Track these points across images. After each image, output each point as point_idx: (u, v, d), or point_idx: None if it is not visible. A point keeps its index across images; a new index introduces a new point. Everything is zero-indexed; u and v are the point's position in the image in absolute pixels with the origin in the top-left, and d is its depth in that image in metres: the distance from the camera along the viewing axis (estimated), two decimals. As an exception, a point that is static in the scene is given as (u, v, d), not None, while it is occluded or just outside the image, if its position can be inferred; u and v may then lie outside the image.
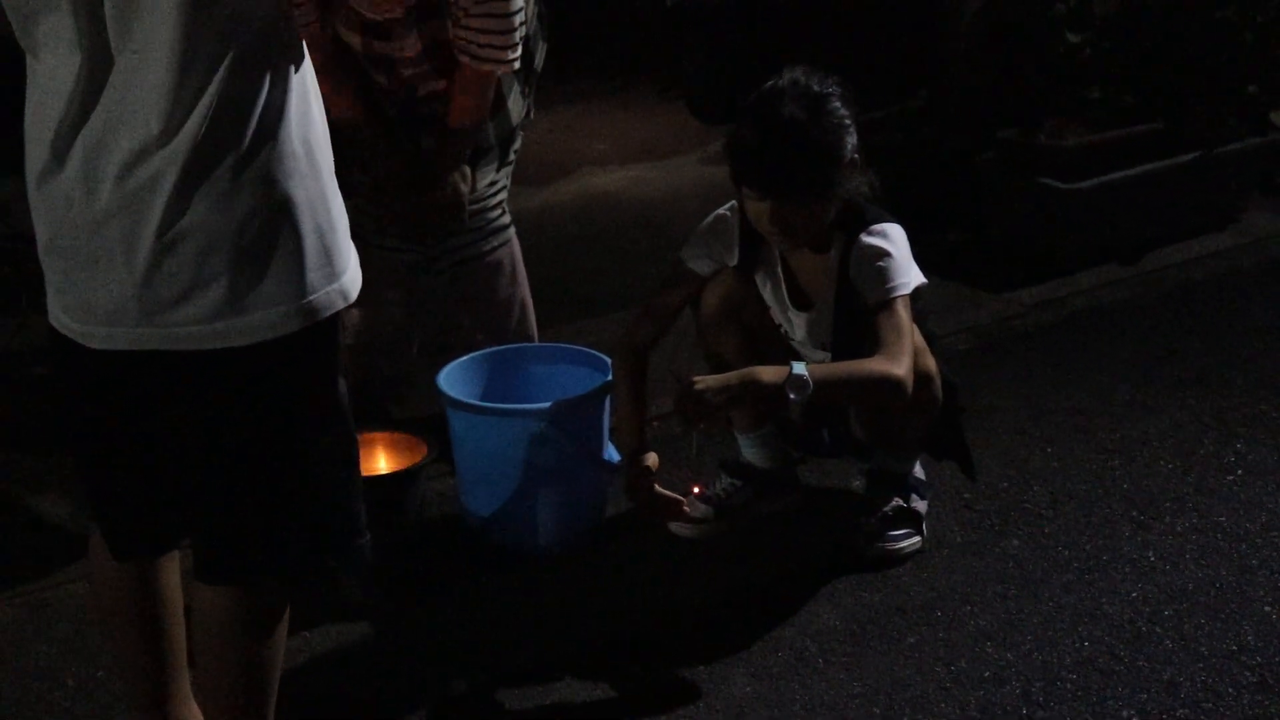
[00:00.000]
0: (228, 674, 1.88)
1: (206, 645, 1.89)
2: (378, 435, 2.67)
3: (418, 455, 2.59)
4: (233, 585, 1.85)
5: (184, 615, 1.97)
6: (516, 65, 2.89)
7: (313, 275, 1.71)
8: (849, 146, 2.46)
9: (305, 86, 1.73)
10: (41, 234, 1.74)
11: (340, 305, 1.76)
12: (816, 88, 2.45)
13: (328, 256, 1.73)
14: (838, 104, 2.45)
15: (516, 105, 3.06)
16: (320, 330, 1.74)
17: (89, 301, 1.71)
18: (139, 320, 1.68)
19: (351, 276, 1.78)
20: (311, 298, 1.71)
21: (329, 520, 1.83)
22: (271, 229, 1.67)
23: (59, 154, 1.66)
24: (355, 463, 1.87)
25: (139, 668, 1.97)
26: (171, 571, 1.96)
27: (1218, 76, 4.24)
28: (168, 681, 1.97)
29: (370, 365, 3.13)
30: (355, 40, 2.87)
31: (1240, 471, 2.97)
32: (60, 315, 1.76)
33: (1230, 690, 2.29)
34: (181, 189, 1.63)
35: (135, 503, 1.86)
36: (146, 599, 1.93)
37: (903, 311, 2.46)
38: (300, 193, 1.69)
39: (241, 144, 1.64)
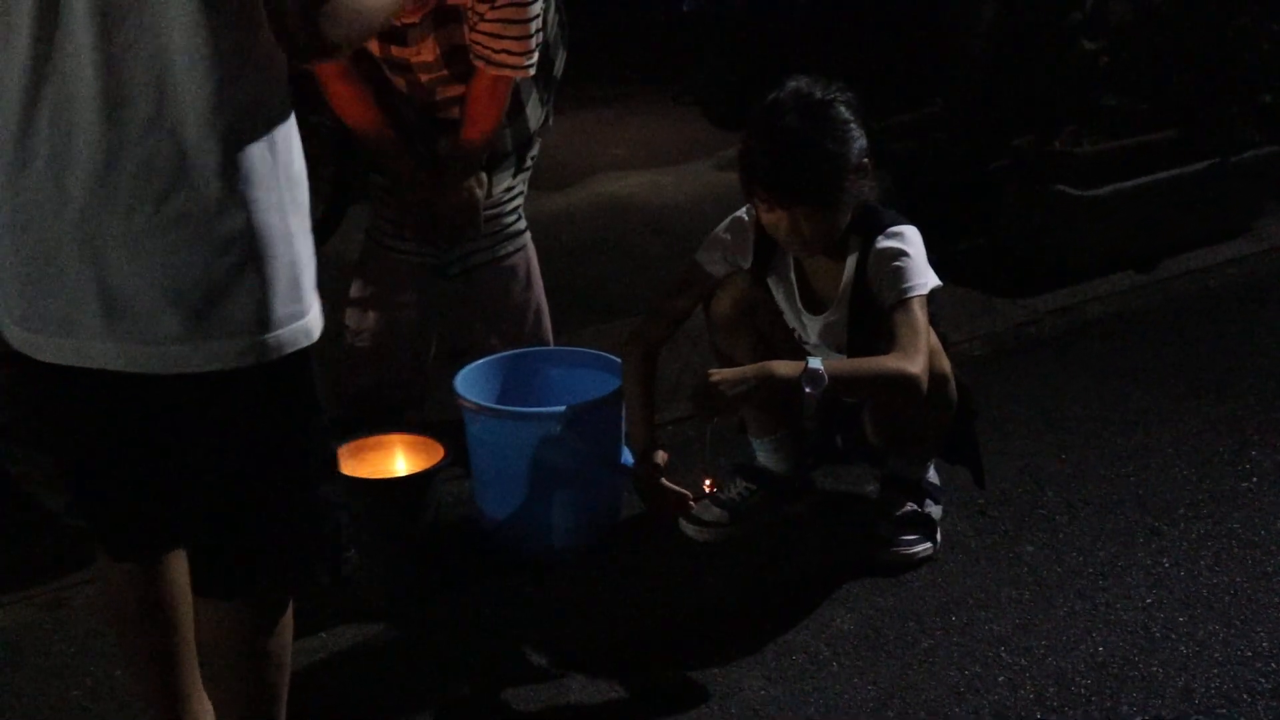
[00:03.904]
0: (237, 681, 1.89)
1: (214, 653, 1.89)
2: (394, 438, 2.67)
3: (434, 458, 2.59)
4: (224, 600, 1.86)
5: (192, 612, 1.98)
6: (533, 71, 2.90)
7: (280, 309, 1.68)
8: (856, 151, 2.46)
9: (289, 122, 1.70)
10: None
11: (304, 343, 1.73)
12: (819, 95, 2.46)
13: (297, 292, 1.71)
14: (842, 109, 2.46)
15: (535, 112, 3.07)
16: (288, 363, 1.71)
17: (47, 311, 1.67)
18: (101, 335, 1.65)
19: (315, 316, 1.75)
20: (277, 332, 1.69)
21: (304, 541, 1.84)
22: (244, 257, 1.64)
23: (20, 156, 1.63)
24: (334, 481, 1.87)
25: (150, 664, 1.97)
26: (177, 567, 1.95)
27: (1233, 85, 4.23)
28: (180, 676, 1.98)
29: (386, 368, 3.14)
30: (373, 44, 2.88)
31: (1255, 479, 2.97)
32: (13, 328, 1.71)
33: (1245, 697, 2.29)
34: (159, 208, 1.60)
35: (123, 509, 1.86)
36: (152, 596, 1.93)
37: (919, 311, 2.46)
38: (277, 222, 1.67)
39: (226, 169, 1.62)
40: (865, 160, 2.49)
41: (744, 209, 2.64)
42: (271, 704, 1.91)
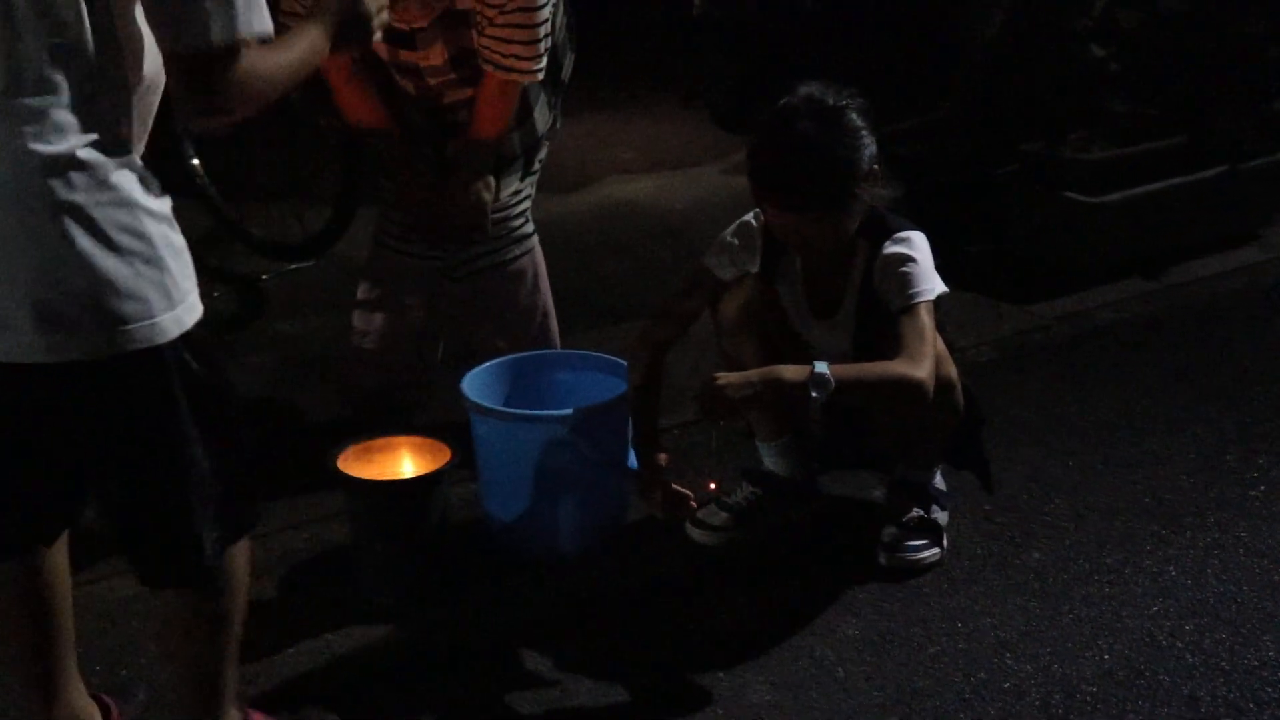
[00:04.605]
0: (183, 659, 1.97)
1: (170, 637, 1.97)
2: (401, 439, 2.68)
3: (441, 460, 2.59)
4: (164, 589, 1.92)
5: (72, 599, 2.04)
6: (541, 75, 2.90)
7: (131, 306, 1.69)
8: (866, 158, 2.46)
9: (135, 129, 1.73)
10: None
11: (161, 339, 1.73)
12: (831, 101, 2.45)
13: (149, 289, 1.71)
14: (854, 116, 2.46)
15: (543, 115, 3.07)
16: (144, 358, 1.72)
17: None
18: None
19: (177, 315, 1.75)
20: (128, 327, 1.70)
21: (188, 528, 1.87)
22: (88, 254, 1.66)
23: None
24: (227, 480, 1.88)
25: (24, 658, 2.02)
26: (54, 561, 2.00)
27: (1242, 91, 4.23)
28: (55, 670, 2.03)
29: (392, 369, 3.15)
30: (381, 48, 2.88)
31: (1263, 487, 2.96)
32: None
33: (1252, 706, 2.29)
34: (35, 204, 1.64)
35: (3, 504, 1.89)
36: (26, 591, 1.97)
37: (925, 317, 2.46)
38: (131, 222, 1.69)
39: (60, 168, 1.65)
40: (875, 167, 2.49)
41: (752, 213, 2.64)
42: (214, 666, 1.98)
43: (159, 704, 2.28)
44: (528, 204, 3.14)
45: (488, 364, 2.86)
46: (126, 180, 1.70)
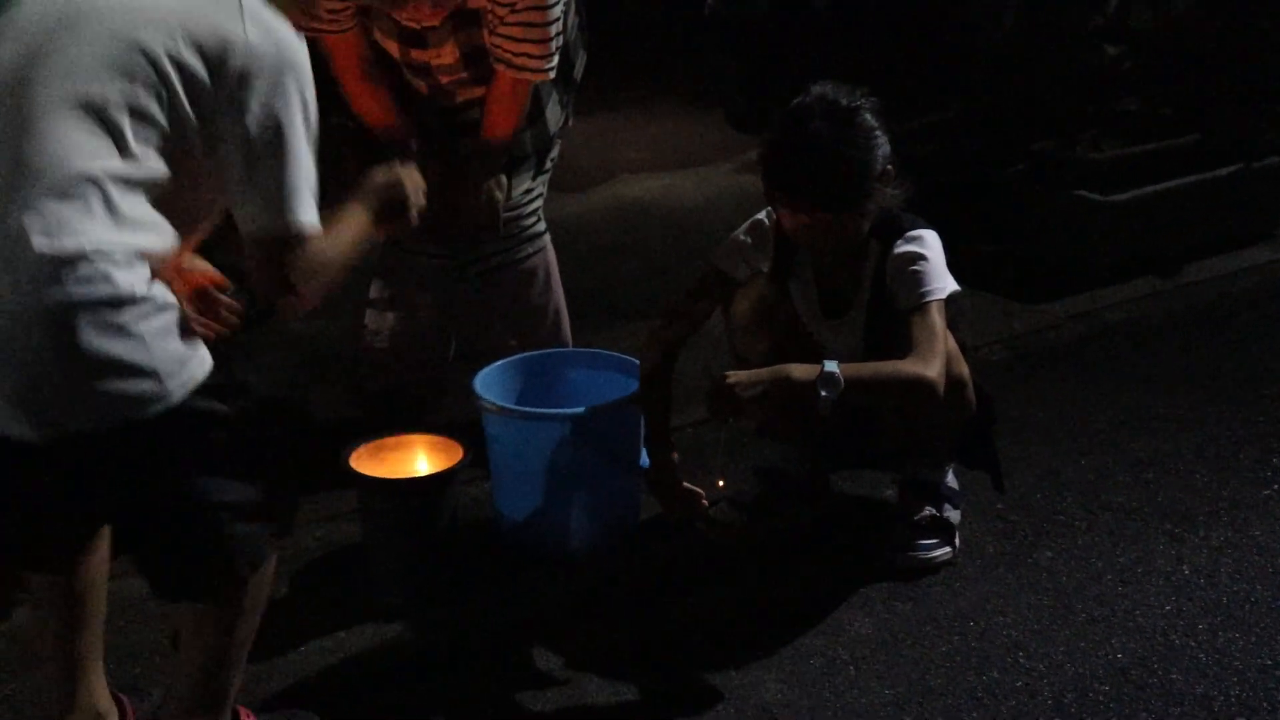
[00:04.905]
0: (192, 656, 2.00)
1: (183, 635, 2.01)
2: (414, 438, 2.68)
3: (453, 458, 2.60)
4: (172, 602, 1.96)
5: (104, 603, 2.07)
6: (552, 74, 2.90)
7: (136, 385, 1.72)
8: (880, 159, 2.46)
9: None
10: None
11: (165, 407, 1.75)
12: (845, 102, 2.45)
13: (156, 366, 1.74)
14: (867, 116, 2.45)
15: (554, 114, 3.08)
16: (165, 419, 1.75)
17: None
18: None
19: (182, 380, 1.77)
20: (142, 401, 1.73)
21: (208, 549, 1.92)
22: (92, 345, 1.69)
23: None
24: (261, 500, 1.93)
25: (63, 649, 2.05)
26: (98, 558, 2.02)
27: (1254, 89, 4.22)
28: (89, 661, 2.06)
29: (404, 368, 3.15)
30: (393, 47, 2.89)
31: (1276, 486, 2.96)
32: None
33: (1265, 705, 2.28)
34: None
35: (26, 530, 1.91)
36: (72, 591, 2.01)
37: (936, 316, 2.46)
38: (132, 316, 1.72)
39: (71, 263, 1.67)
40: (889, 167, 2.48)
41: (764, 212, 2.64)
42: (222, 668, 2.00)
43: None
44: (540, 202, 3.15)
45: (500, 362, 2.87)
46: (136, 277, 1.72)
